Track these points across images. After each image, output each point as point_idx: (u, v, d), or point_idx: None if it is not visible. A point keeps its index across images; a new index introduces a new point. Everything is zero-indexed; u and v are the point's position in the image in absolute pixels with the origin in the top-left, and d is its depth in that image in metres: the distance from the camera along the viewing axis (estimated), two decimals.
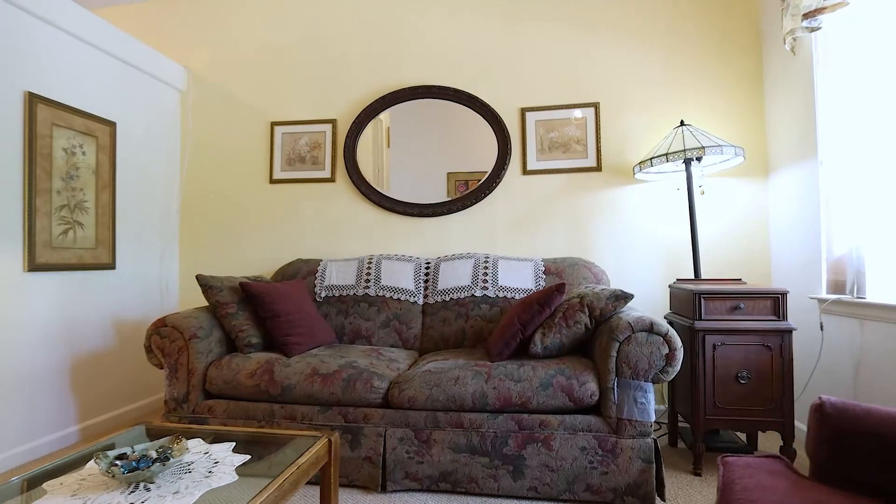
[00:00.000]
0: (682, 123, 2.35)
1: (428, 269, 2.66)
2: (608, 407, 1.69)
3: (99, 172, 2.56)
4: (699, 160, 2.31)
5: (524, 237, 2.79)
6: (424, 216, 2.89)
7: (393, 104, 2.94)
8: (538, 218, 2.78)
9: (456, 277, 2.53)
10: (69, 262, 2.38)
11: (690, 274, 2.60)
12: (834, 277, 1.97)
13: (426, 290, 2.58)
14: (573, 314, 1.86)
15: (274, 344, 2.17)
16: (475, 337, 2.39)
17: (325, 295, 2.61)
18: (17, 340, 2.14)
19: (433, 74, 2.91)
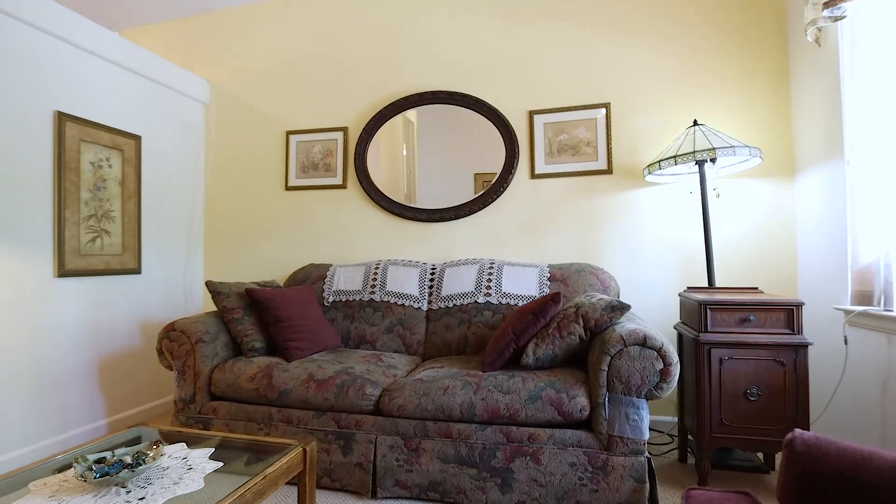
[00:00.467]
0: (695, 123, 2.23)
1: (433, 274, 2.65)
2: (599, 423, 1.63)
3: (125, 183, 2.72)
4: (713, 161, 2.19)
5: (532, 242, 2.73)
6: (432, 221, 2.89)
7: (402, 110, 2.96)
8: (547, 222, 2.72)
9: (460, 283, 2.52)
10: (97, 267, 2.55)
11: (706, 281, 2.46)
12: (859, 288, 1.81)
13: (430, 295, 2.58)
14: (567, 325, 1.80)
15: (276, 348, 2.23)
16: (477, 344, 2.37)
17: (332, 300, 2.66)
18: (49, 341, 2.32)
19: (441, 79, 2.91)
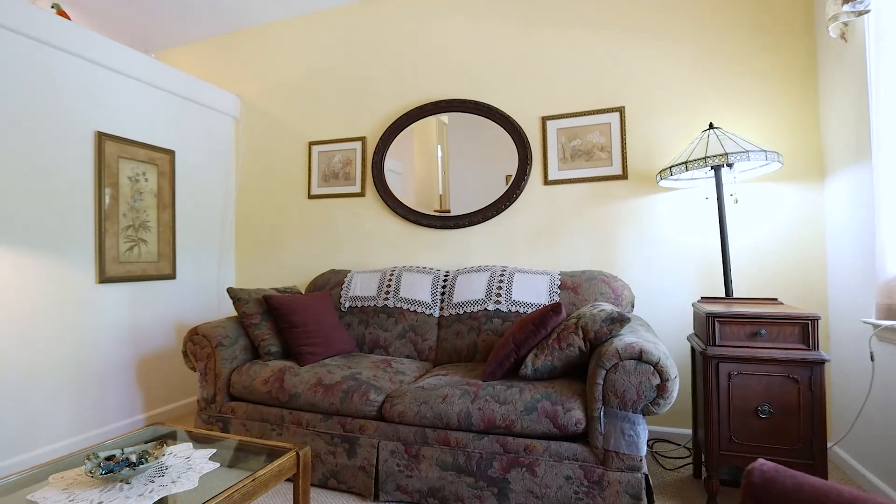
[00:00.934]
0: (710, 127, 2.14)
1: (446, 281, 2.69)
2: (595, 437, 1.61)
3: (160, 195, 2.92)
4: (730, 167, 2.09)
5: (546, 249, 2.71)
6: (447, 228, 2.92)
7: (417, 119, 3.01)
8: (560, 229, 2.68)
9: (471, 290, 2.53)
10: (134, 274, 2.75)
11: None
12: (887, 301, 1.68)
13: (442, 302, 2.61)
14: (567, 336, 1.79)
15: (291, 353, 2.34)
16: (486, 351, 2.38)
17: (348, 305, 2.75)
18: (91, 342, 2.53)
19: (455, 88, 2.93)
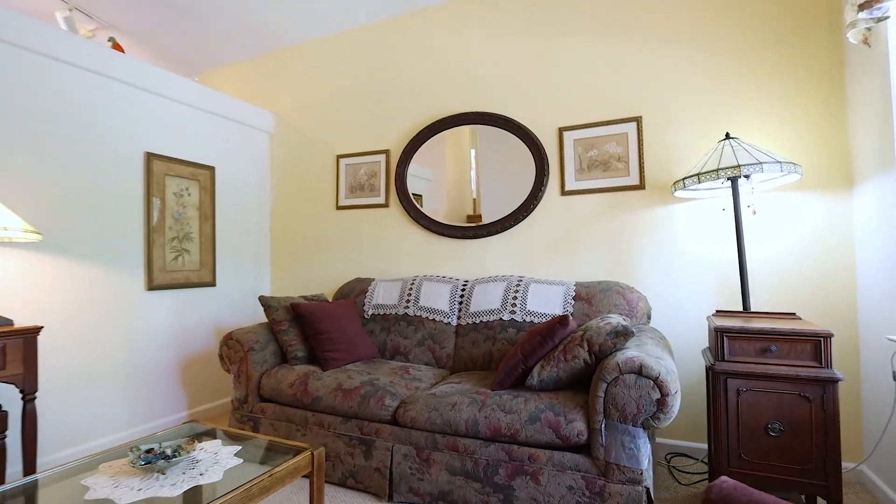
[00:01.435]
0: (727, 136, 2.11)
1: (464, 290, 2.77)
2: (596, 448, 1.64)
3: (202, 209, 3.17)
4: (747, 177, 2.06)
5: (562, 259, 2.74)
6: (466, 238, 3.00)
7: (438, 132, 3.11)
8: (577, 239, 2.71)
9: (487, 300, 2.60)
10: (179, 281, 3.00)
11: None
12: None
13: (460, 311, 2.70)
14: (572, 348, 1.83)
15: (315, 358, 2.49)
16: (500, 360, 2.44)
17: (371, 313, 2.88)
18: (141, 344, 2.78)
19: (474, 101, 3.01)
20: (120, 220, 2.67)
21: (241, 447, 1.59)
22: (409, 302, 2.80)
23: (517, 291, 2.55)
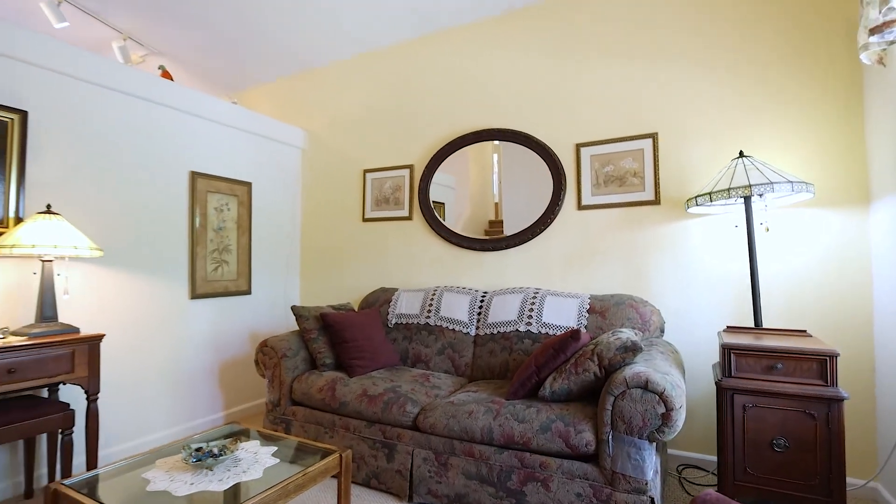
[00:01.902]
0: (740, 155, 2.16)
1: (483, 301, 2.88)
2: (604, 458, 1.73)
3: (239, 222, 3.40)
4: (760, 196, 2.11)
5: (578, 272, 2.82)
6: (486, 250, 3.12)
7: (459, 147, 3.24)
8: (593, 253, 2.78)
9: (504, 311, 2.71)
10: (218, 290, 3.24)
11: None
12: None
13: (479, 321, 2.82)
14: (583, 362, 1.92)
15: (342, 365, 2.65)
16: (516, 370, 2.54)
17: (395, 322, 3.03)
18: (184, 349, 3.02)
19: (494, 118, 3.13)
20: (168, 235, 2.91)
21: (277, 447, 1.76)
22: (430, 312, 2.94)
23: (533, 303, 2.65)
